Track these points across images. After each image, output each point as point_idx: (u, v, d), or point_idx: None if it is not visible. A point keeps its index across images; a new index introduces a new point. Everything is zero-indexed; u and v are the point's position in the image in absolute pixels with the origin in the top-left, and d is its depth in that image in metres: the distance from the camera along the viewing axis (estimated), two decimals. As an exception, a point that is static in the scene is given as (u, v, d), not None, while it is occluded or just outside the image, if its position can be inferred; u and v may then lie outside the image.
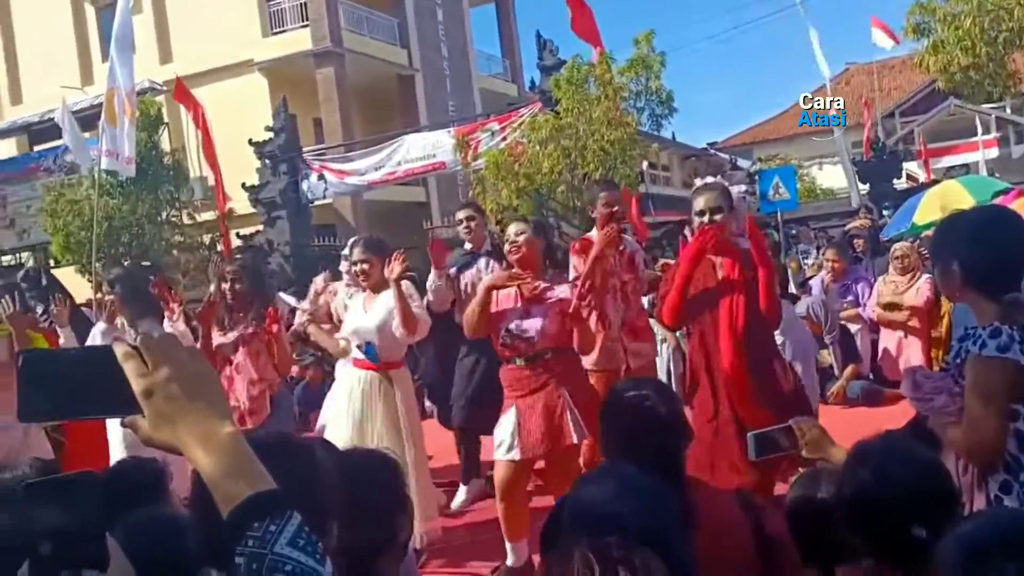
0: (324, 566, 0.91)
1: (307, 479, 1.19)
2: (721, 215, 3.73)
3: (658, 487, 1.51)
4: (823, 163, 29.43)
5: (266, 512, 0.91)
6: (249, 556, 0.89)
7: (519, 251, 3.91)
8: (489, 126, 14.92)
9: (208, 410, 0.97)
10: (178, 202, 17.49)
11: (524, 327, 3.83)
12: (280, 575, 0.88)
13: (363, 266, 4.34)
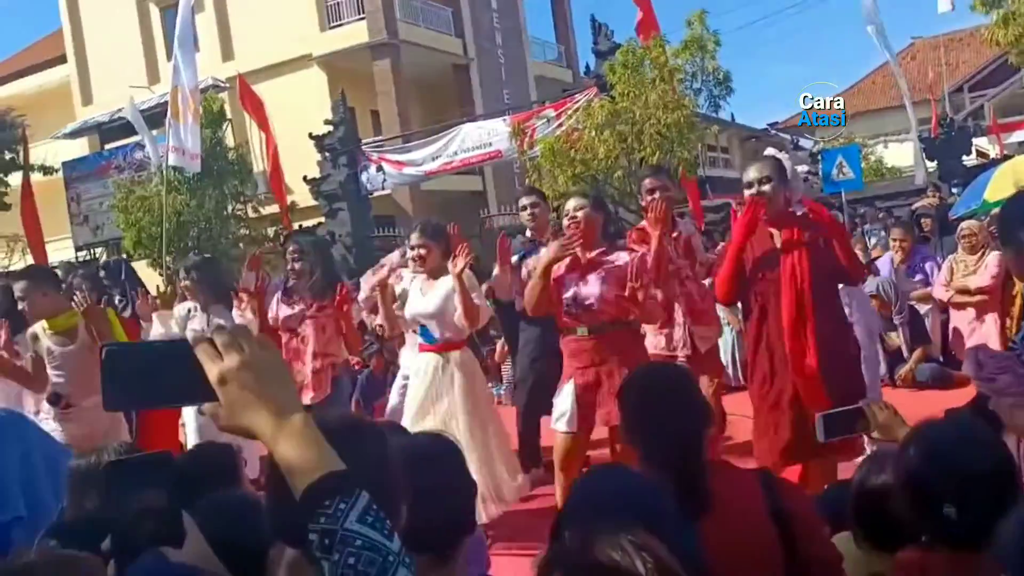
0: (392, 541, 0.95)
1: (376, 461, 1.23)
2: (770, 185, 3.70)
3: (650, 487, 1.54)
4: (888, 141, 28.62)
5: (336, 491, 0.96)
6: (321, 532, 0.94)
7: (578, 226, 3.93)
8: (544, 113, 14.90)
9: (279, 396, 1.02)
10: (242, 196, 17.85)
11: (584, 294, 3.85)
12: (351, 549, 0.93)
13: (420, 251, 4.39)
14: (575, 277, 3.92)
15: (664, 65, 13.50)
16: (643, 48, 13.54)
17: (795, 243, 3.66)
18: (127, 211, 16.82)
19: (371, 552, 0.93)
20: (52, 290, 4.47)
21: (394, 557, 0.94)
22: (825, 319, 3.65)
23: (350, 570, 0.92)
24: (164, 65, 21.63)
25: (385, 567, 0.93)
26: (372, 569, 0.92)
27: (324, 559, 0.94)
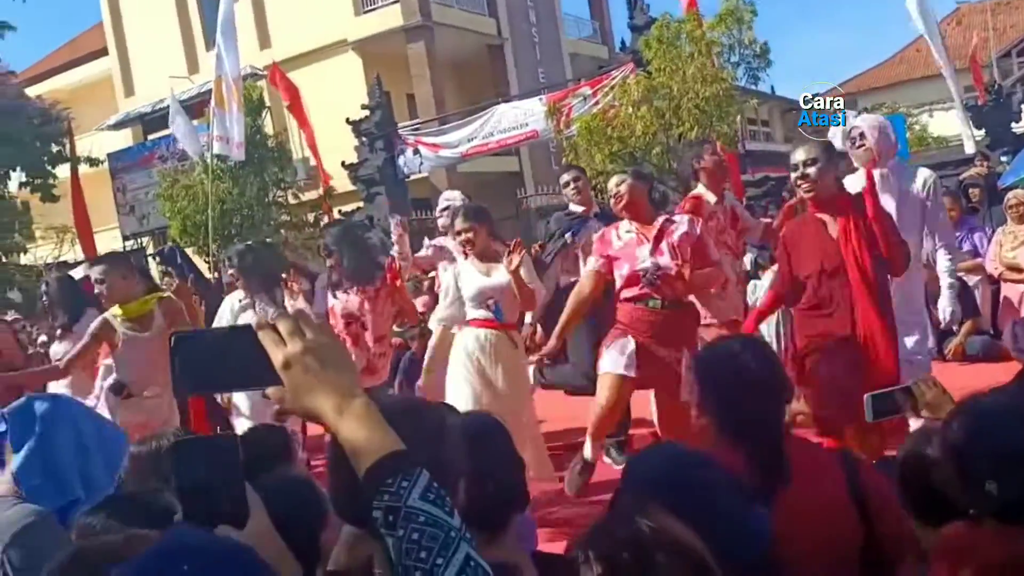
0: (453, 517, 0.99)
1: (433, 441, 1.26)
2: (815, 167, 3.62)
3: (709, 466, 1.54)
4: (933, 110, 27.91)
5: (398, 470, 0.99)
6: (385, 510, 0.97)
7: (622, 200, 3.92)
8: (581, 91, 14.80)
9: (340, 379, 1.06)
10: (283, 183, 18.05)
11: (662, 264, 3.82)
12: (414, 525, 0.96)
13: (467, 235, 4.38)
14: (646, 248, 3.88)
15: (701, 38, 13.30)
16: (679, 21, 13.36)
17: (853, 231, 3.56)
18: (172, 200, 17.11)
19: (434, 528, 0.96)
20: (130, 274, 4.51)
21: (455, 533, 0.97)
22: (888, 307, 3.60)
23: (414, 545, 0.95)
24: (203, 55, 21.93)
25: (448, 542, 0.96)
26: (435, 544, 0.95)
27: (389, 535, 0.97)
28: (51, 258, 18.67)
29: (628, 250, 3.91)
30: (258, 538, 1.29)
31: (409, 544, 0.95)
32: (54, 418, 2.10)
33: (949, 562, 1.61)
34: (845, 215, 3.59)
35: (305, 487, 1.73)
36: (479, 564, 0.97)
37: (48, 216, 18.51)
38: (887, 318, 3.57)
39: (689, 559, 1.17)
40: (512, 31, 23.08)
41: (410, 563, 0.95)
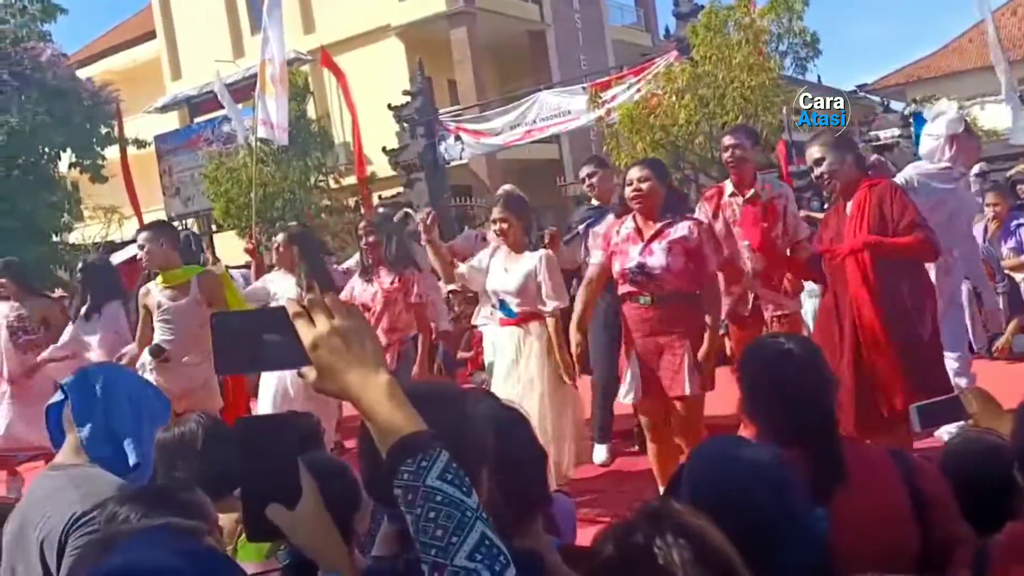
0: (471, 498, 1.01)
1: (456, 424, 1.27)
2: (827, 163, 3.73)
3: (778, 464, 1.50)
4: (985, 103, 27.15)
5: (418, 449, 1.02)
6: (405, 488, 1.01)
7: (641, 198, 3.91)
8: (624, 79, 14.68)
9: (366, 360, 1.09)
10: (325, 167, 18.21)
11: (650, 264, 3.83)
12: (432, 504, 0.99)
13: (502, 224, 4.40)
14: (639, 247, 3.89)
15: (749, 26, 13.11)
16: (728, 8, 13.17)
17: (859, 212, 3.63)
18: (216, 182, 17.36)
19: (450, 507, 0.99)
20: (169, 243, 4.71)
21: (471, 513, 1.00)
22: (893, 294, 3.58)
23: (431, 523, 0.98)
24: (249, 40, 22.15)
25: (463, 522, 0.99)
26: (451, 523, 0.98)
27: (408, 513, 1.00)
28: (99, 237, 19.04)
29: (624, 246, 3.94)
30: (309, 517, 1.32)
31: (426, 522, 0.99)
32: (114, 388, 2.17)
33: (1010, 559, 1.58)
34: (859, 200, 3.66)
35: (338, 468, 1.76)
36: (494, 543, 0.99)
37: (96, 196, 18.85)
38: (884, 302, 3.57)
39: (712, 561, 1.15)
40: (555, 17, 22.95)
41: (426, 540, 0.98)
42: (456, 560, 0.97)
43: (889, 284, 3.59)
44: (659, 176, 3.99)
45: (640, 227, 3.94)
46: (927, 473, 1.84)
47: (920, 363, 3.54)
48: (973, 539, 1.73)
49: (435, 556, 0.98)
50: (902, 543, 1.78)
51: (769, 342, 2.08)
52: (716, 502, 1.28)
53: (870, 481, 1.83)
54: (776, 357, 1.99)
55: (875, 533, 1.76)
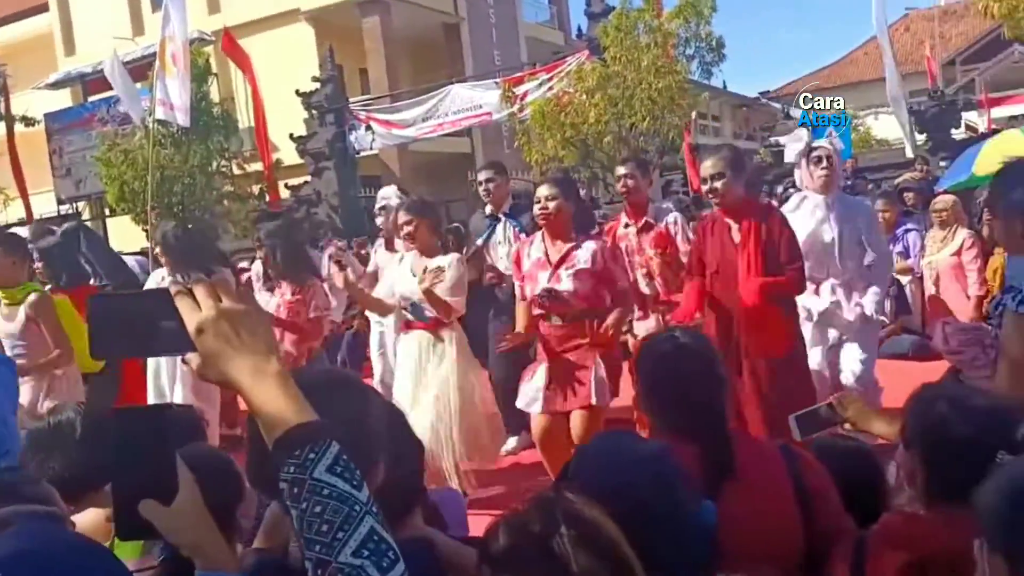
0: (361, 491, 0.96)
1: (352, 415, 1.24)
2: (722, 181, 3.76)
3: (665, 458, 1.52)
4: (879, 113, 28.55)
5: (306, 441, 0.97)
6: (290, 481, 0.96)
7: (548, 217, 3.91)
8: (536, 75, 14.75)
9: (255, 347, 1.03)
10: (228, 152, 17.67)
11: (557, 290, 3.86)
12: (317, 498, 0.94)
13: (408, 228, 4.36)
14: (546, 274, 3.91)
15: (658, 29, 13.37)
16: (638, 10, 13.40)
17: (752, 240, 3.72)
18: (110, 165, 16.60)
19: (337, 501, 0.95)
20: (19, 260, 4.32)
21: (360, 507, 0.96)
22: (779, 314, 3.72)
23: (316, 518, 0.94)
24: (149, 17, 21.24)
25: (351, 516, 0.95)
26: (337, 518, 0.94)
27: (292, 508, 0.96)
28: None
29: (533, 272, 3.96)
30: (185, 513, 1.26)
31: (311, 517, 0.94)
32: None
33: (887, 550, 1.64)
34: (749, 221, 3.74)
35: (220, 461, 1.69)
36: (383, 539, 0.95)
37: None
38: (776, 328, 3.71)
39: (604, 550, 1.15)
40: (469, 11, 22.87)
41: (311, 536, 0.94)
42: (341, 557, 0.93)
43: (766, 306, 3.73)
44: (567, 194, 3.99)
45: (548, 250, 3.95)
46: (812, 467, 1.89)
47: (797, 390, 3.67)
48: (854, 531, 1.78)
49: (319, 552, 0.94)
50: (787, 535, 1.82)
51: (665, 337, 2.09)
52: (602, 495, 1.27)
53: (758, 474, 1.86)
54: (671, 352, 2.01)
55: (762, 525, 1.79)
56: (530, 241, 4.13)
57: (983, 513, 1.28)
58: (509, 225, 5.24)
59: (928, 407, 1.71)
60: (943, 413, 1.67)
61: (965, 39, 27.80)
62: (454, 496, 2.28)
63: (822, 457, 1.92)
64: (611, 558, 1.16)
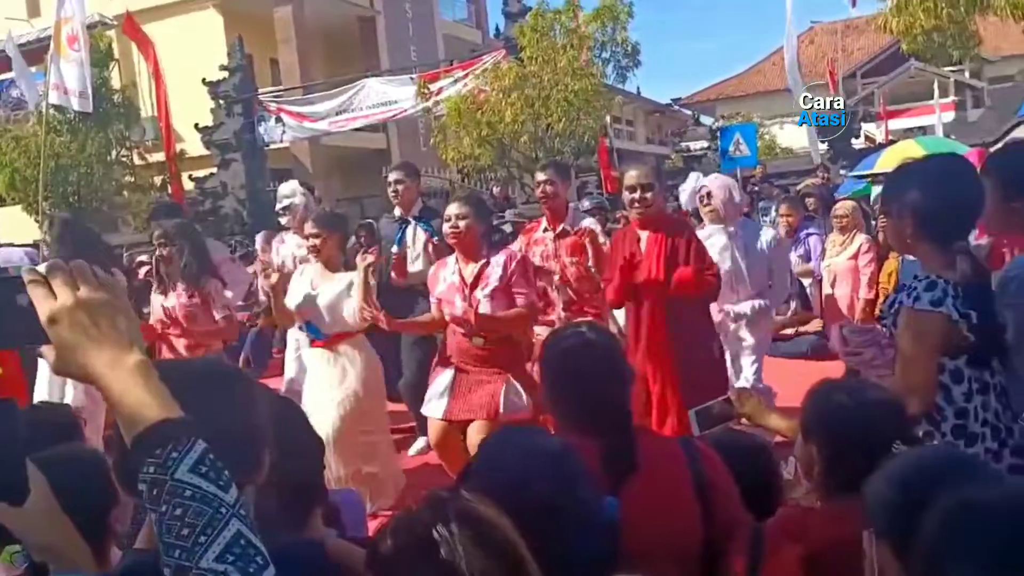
0: (227, 492, 0.91)
1: (228, 410, 1.19)
2: (652, 192, 3.82)
3: (565, 454, 1.50)
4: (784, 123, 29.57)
5: (168, 439, 0.91)
6: (150, 482, 0.90)
7: (458, 236, 3.86)
8: (452, 72, 14.68)
9: (115, 338, 0.96)
10: (128, 141, 17.04)
11: (481, 313, 3.79)
12: (178, 500, 0.88)
13: (315, 241, 4.24)
14: (462, 296, 3.86)
15: (575, 31, 13.48)
16: (555, 12, 13.48)
17: (656, 251, 3.81)
18: (0, 151, 15.76)
19: (200, 503, 0.89)
20: None
21: (227, 509, 0.90)
22: (685, 322, 3.80)
23: (176, 521, 0.88)
24: (45, -3, 20.22)
25: (215, 519, 0.89)
26: (200, 520, 0.88)
27: (152, 511, 0.90)
28: None
29: (450, 295, 3.92)
30: (40, 517, 1.19)
31: (171, 520, 0.88)
32: None
33: (785, 543, 1.66)
34: (657, 234, 3.83)
35: (89, 462, 1.59)
36: (251, 543, 0.90)
37: None
38: (675, 335, 3.80)
39: (497, 548, 1.12)
40: (386, 5, 22.60)
41: (170, 540, 0.88)
42: (203, 562, 0.87)
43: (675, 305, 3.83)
44: (478, 214, 3.94)
45: (462, 271, 3.90)
46: (712, 461, 1.90)
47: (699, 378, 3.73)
48: (751, 524, 1.80)
49: (179, 558, 0.87)
50: (688, 529, 1.83)
51: (570, 332, 2.07)
52: (501, 493, 1.24)
53: (660, 469, 1.86)
54: (575, 346, 1.99)
55: (664, 520, 1.79)
56: (444, 263, 4.07)
57: (870, 503, 1.31)
58: (419, 229, 5.14)
59: (827, 400, 1.74)
60: (841, 405, 1.71)
61: (866, 53, 29.08)
62: (353, 497, 2.21)
63: (718, 451, 1.94)
64: (506, 559, 1.12)
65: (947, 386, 2.04)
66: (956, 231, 2.10)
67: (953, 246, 2.07)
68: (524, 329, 4.01)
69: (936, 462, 1.35)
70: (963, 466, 1.35)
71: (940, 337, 2.01)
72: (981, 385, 2.06)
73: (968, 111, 21.48)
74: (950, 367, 2.04)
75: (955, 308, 1.99)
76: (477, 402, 3.81)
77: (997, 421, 2.06)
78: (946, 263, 2.06)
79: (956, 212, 2.08)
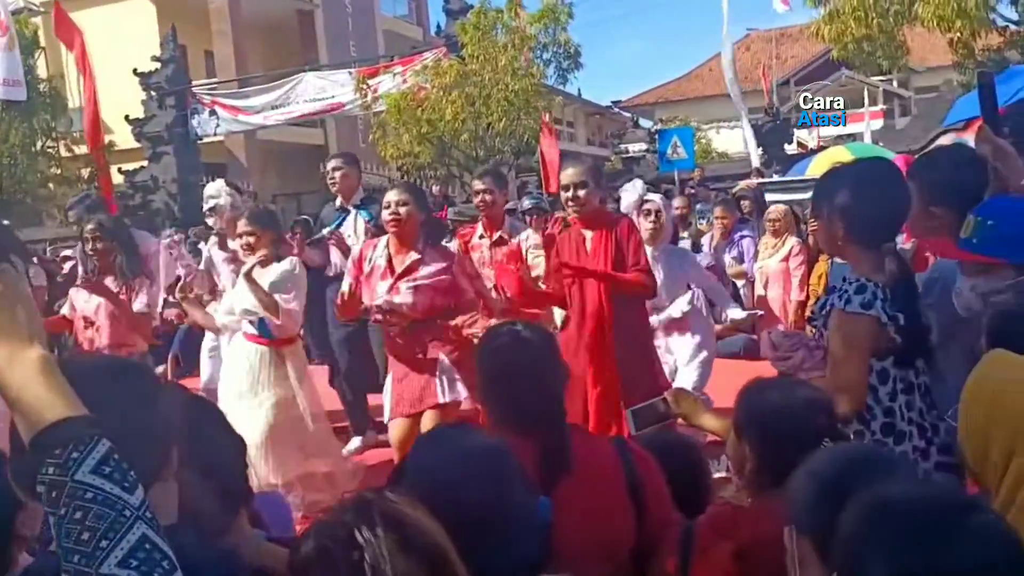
0: (132, 494, 0.87)
1: (141, 401, 1.15)
2: (586, 190, 3.80)
3: (497, 454, 1.48)
4: (720, 127, 30.13)
5: (69, 439, 0.87)
6: (49, 484, 0.86)
7: (399, 223, 3.79)
8: (392, 68, 14.54)
9: (14, 331, 0.92)
10: (55, 132, 16.46)
11: (395, 302, 3.76)
12: (79, 502, 0.84)
13: (248, 239, 4.13)
14: (386, 284, 3.80)
15: (516, 31, 13.48)
16: (497, 10, 13.46)
17: (603, 247, 3.81)
18: (-86, 140, 15.08)
19: (102, 506, 0.85)
20: None
21: (131, 512, 0.86)
22: (626, 322, 3.82)
23: (76, 525, 0.84)
24: (-35, -22, 19.37)
25: (117, 523, 0.85)
26: (102, 524, 0.84)
27: (51, 514, 0.86)
28: None
29: (372, 279, 3.86)
30: None
31: (71, 524, 0.84)
32: None
33: (716, 540, 1.67)
34: (601, 231, 3.84)
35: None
36: (156, 547, 0.86)
37: None
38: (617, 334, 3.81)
39: (421, 551, 1.09)
40: (325, -1, 22.31)
41: (69, 545, 0.84)
42: (104, 567, 0.83)
43: (618, 306, 3.83)
44: (418, 202, 3.90)
45: (392, 258, 3.84)
46: (644, 460, 1.91)
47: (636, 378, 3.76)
48: (682, 522, 1.82)
49: (78, 564, 0.83)
50: (620, 529, 1.83)
51: (505, 329, 2.05)
52: (432, 494, 1.22)
53: (593, 469, 1.85)
54: (510, 344, 1.97)
55: (596, 520, 1.78)
56: (374, 245, 3.99)
57: (792, 498, 1.33)
58: (360, 217, 5.08)
59: (759, 397, 1.76)
60: (774, 403, 1.73)
61: (799, 61, 29.81)
62: (275, 500, 2.15)
63: (650, 451, 1.95)
64: (431, 564, 1.09)
65: (874, 386, 2.08)
66: (884, 234, 2.14)
67: (882, 248, 2.11)
68: None
69: (854, 459, 1.37)
70: (879, 463, 1.37)
71: (870, 339, 2.05)
72: (906, 385, 2.10)
73: (896, 119, 22.21)
74: (877, 368, 2.09)
75: (884, 311, 2.03)
76: (415, 394, 3.79)
77: (922, 419, 2.11)
78: (875, 265, 2.10)
79: (884, 215, 2.12)
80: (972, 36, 12.02)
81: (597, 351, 3.81)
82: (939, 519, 0.97)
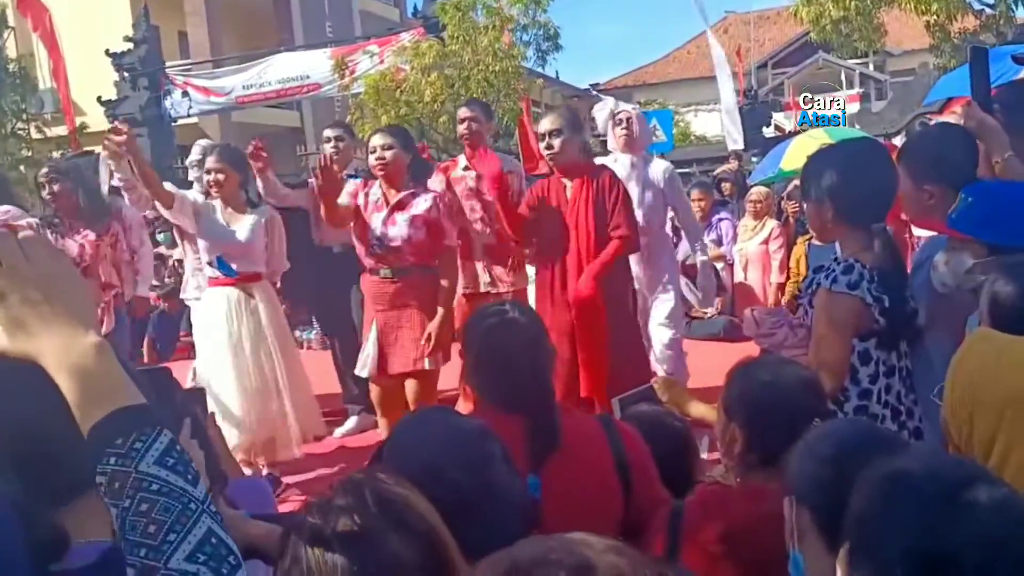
0: (196, 487, 0.85)
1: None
2: (560, 139, 3.75)
3: (480, 435, 1.47)
4: (699, 111, 30.19)
5: (132, 428, 0.84)
6: (111, 475, 0.82)
7: (385, 167, 3.80)
8: (368, 48, 14.38)
9: (70, 316, 0.88)
10: (25, 114, 16.17)
11: (391, 235, 3.77)
12: (144, 494, 0.82)
13: (217, 176, 4.07)
14: (381, 215, 3.81)
15: (497, 12, 13.38)
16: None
17: (583, 196, 3.76)
18: None
19: (168, 498, 0.82)
20: None
21: (197, 505, 0.84)
22: (608, 277, 3.75)
23: (142, 518, 0.81)
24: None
25: (184, 515, 0.82)
26: (168, 517, 0.82)
27: (113, 506, 0.83)
28: None
29: (368, 213, 3.86)
30: None
31: (136, 516, 0.81)
32: None
33: (704, 520, 1.68)
34: (581, 180, 3.78)
35: None
36: (223, 542, 0.84)
37: None
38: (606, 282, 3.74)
39: (415, 528, 1.11)
40: (300, -22, 22.02)
41: (135, 539, 0.81)
42: (172, 562, 0.80)
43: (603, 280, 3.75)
44: (403, 144, 3.90)
45: (386, 194, 3.86)
46: (631, 438, 1.91)
47: (622, 347, 3.74)
48: (670, 501, 1.82)
49: (145, 558, 0.80)
50: (608, 507, 1.83)
51: (493, 310, 2.04)
52: (414, 476, 1.22)
53: (581, 448, 1.86)
54: (498, 325, 1.97)
55: (584, 498, 1.79)
56: (369, 184, 4.00)
57: (792, 469, 1.32)
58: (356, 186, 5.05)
59: (748, 377, 1.76)
60: (763, 382, 1.73)
61: (776, 44, 29.90)
62: (251, 483, 2.13)
63: (637, 429, 1.95)
64: (424, 539, 1.11)
65: (855, 367, 2.09)
66: (873, 214, 2.14)
67: (871, 229, 2.11)
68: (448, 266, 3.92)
69: (855, 434, 1.37)
70: (881, 438, 1.38)
71: (853, 319, 2.06)
72: (887, 368, 2.12)
73: (872, 103, 22.34)
74: (859, 348, 2.10)
75: (869, 292, 2.04)
76: (400, 355, 3.78)
77: (899, 403, 2.13)
78: (864, 246, 2.11)
79: (873, 195, 2.12)
80: (948, 19, 12.05)
81: (583, 307, 3.72)
82: (955, 493, 0.96)
